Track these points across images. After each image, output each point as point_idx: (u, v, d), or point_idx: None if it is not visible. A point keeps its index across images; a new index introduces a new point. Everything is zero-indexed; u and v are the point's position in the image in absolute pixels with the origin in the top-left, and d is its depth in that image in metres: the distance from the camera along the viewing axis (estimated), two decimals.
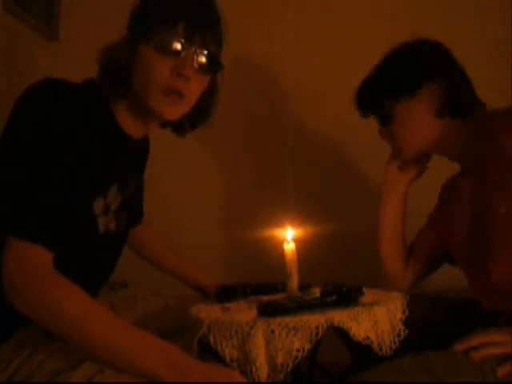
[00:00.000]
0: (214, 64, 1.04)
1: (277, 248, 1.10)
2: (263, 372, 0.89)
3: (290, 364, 0.90)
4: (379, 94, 1.21)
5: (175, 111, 1.02)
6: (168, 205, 1.79)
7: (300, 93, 1.90)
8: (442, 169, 1.31)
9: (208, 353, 0.97)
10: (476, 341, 0.96)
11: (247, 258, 1.87)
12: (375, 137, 1.77)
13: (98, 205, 1.01)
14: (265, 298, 1.11)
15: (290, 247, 1.07)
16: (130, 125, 1.06)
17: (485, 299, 1.17)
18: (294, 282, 1.05)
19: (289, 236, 1.09)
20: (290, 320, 0.91)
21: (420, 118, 1.17)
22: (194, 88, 1.02)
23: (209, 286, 1.30)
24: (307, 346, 0.90)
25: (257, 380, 0.89)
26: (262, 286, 1.19)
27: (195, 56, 0.99)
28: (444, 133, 1.16)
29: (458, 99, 1.15)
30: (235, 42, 1.10)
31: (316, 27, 1.90)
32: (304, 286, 1.11)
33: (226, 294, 1.15)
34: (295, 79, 1.90)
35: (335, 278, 1.11)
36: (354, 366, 1.26)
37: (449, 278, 1.37)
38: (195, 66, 1.00)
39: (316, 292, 1.08)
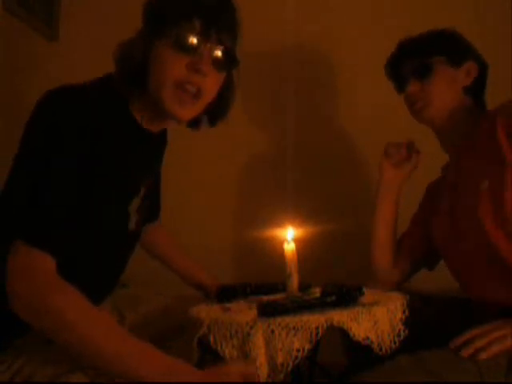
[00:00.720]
0: (230, 60, 1.03)
1: (277, 248, 1.10)
2: (263, 372, 0.89)
3: (290, 364, 0.90)
4: (431, 48, 1.27)
5: (188, 112, 1.02)
6: (167, 205, 1.79)
7: (300, 92, 1.90)
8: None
9: (208, 353, 0.97)
10: (470, 335, 0.98)
11: (247, 258, 1.87)
12: (375, 137, 1.78)
13: (134, 204, 1.05)
14: (265, 298, 1.11)
15: (290, 247, 1.07)
16: (147, 121, 1.06)
17: (472, 292, 1.20)
18: (294, 282, 1.05)
19: (289, 236, 1.09)
20: (290, 320, 0.91)
21: (455, 86, 1.26)
22: (211, 84, 1.02)
23: (209, 285, 1.30)
24: (307, 346, 0.90)
25: (257, 380, 0.89)
26: (262, 286, 1.19)
27: (211, 51, 0.99)
28: (460, 109, 1.25)
29: (484, 85, 1.30)
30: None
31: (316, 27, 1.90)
32: (304, 286, 1.11)
33: (226, 294, 1.15)
34: (295, 80, 1.90)
35: (335, 278, 1.11)
36: (351, 366, 1.27)
37: (449, 277, 1.38)
38: (211, 61, 0.99)
39: (316, 292, 1.08)
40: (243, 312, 1.01)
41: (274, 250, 1.13)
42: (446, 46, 1.28)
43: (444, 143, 1.31)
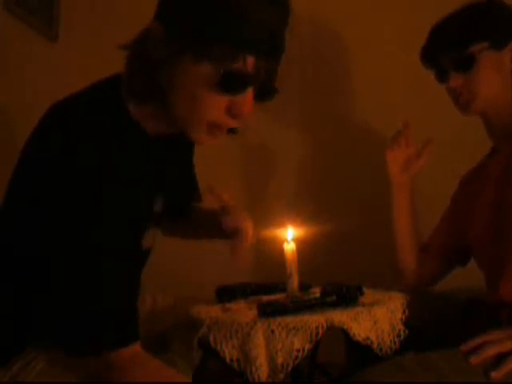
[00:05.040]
0: (272, 94, 0.87)
1: (277, 248, 1.10)
2: (263, 372, 0.90)
3: (290, 364, 0.90)
4: (471, 35, 1.14)
5: (213, 142, 0.89)
6: None
7: (302, 91, 1.90)
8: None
9: (208, 353, 0.97)
10: (482, 340, 0.94)
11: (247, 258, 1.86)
12: (375, 136, 1.78)
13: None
14: (265, 298, 1.11)
15: (289, 247, 1.07)
16: (158, 127, 0.91)
17: (497, 292, 1.14)
18: (294, 282, 1.05)
19: (289, 236, 1.09)
20: (290, 320, 0.91)
21: (501, 71, 1.15)
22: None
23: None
24: (307, 346, 0.90)
25: (257, 380, 0.89)
26: (262, 286, 1.19)
27: (256, 91, 0.83)
28: (510, 95, 1.15)
29: None
30: None
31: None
32: (304, 286, 1.11)
33: (226, 294, 1.15)
34: (299, 78, 1.90)
35: (335, 278, 1.11)
36: (350, 365, 1.26)
37: (452, 277, 1.37)
38: (254, 100, 0.84)
39: (316, 292, 1.08)
40: (243, 312, 1.01)
41: (274, 250, 1.13)
42: (486, 28, 1.13)
43: (492, 132, 1.21)
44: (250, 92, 0.82)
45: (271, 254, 1.19)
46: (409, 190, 1.35)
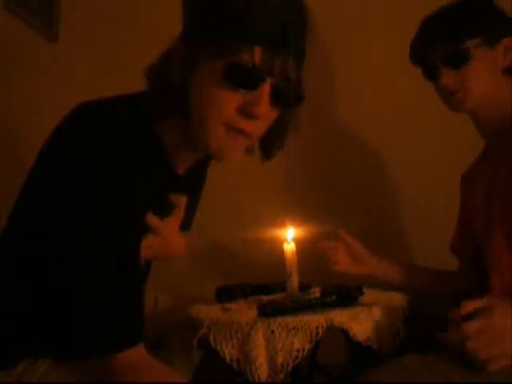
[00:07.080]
0: (293, 98, 0.84)
1: (277, 248, 1.10)
2: (263, 372, 0.90)
3: (290, 364, 0.90)
4: (464, 30, 1.11)
5: (238, 150, 0.85)
6: None
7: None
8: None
9: (208, 353, 0.97)
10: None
11: (247, 258, 1.87)
12: (375, 136, 1.78)
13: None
14: (265, 298, 1.11)
15: (290, 247, 1.07)
16: (180, 154, 0.91)
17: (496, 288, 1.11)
18: (294, 282, 1.06)
19: (289, 236, 1.09)
20: (290, 320, 0.91)
21: (494, 68, 1.11)
22: (262, 127, 0.84)
23: None
24: (307, 346, 0.90)
25: (257, 380, 0.89)
26: (262, 286, 1.19)
27: (272, 89, 0.79)
28: (501, 93, 1.13)
29: None
30: None
31: None
32: (304, 286, 1.11)
33: (225, 294, 1.15)
34: None
35: (335, 278, 1.11)
36: (351, 365, 1.26)
37: None
38: (270, 100, 0.80)
39: (316, 292, 1.08)
40: (243, 312, 1.01)
41: (274, 250, 1.13)
42: (480, 25, 1.11)
43: (483, 130, 1.18)
44: (264, 91, 0.78)
45: (271, 253, 1.19)
46: (385, 266, 1.29)
